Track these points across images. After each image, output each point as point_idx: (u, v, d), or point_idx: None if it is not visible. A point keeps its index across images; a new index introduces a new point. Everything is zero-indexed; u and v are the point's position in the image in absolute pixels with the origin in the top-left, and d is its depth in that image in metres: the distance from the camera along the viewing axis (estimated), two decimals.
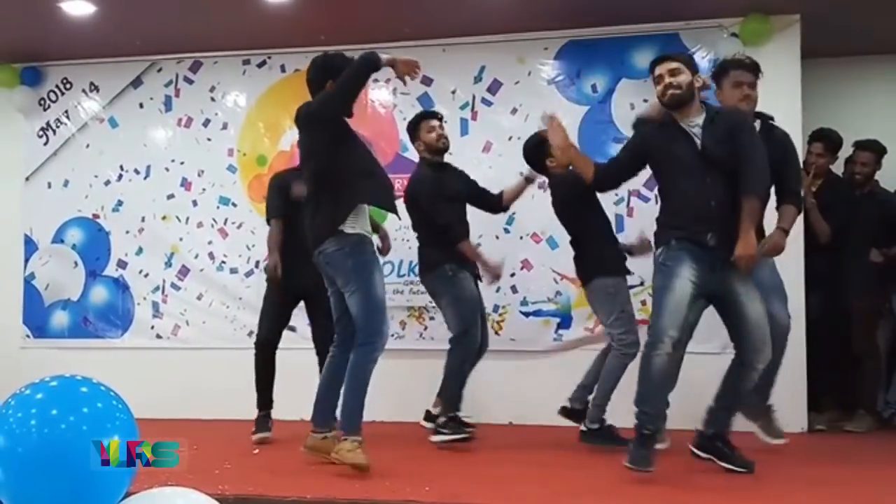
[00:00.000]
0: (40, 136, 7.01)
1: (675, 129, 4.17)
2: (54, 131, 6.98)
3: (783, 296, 4.77)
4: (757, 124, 4.52)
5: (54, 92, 7.00)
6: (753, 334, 4.05)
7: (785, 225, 4.49)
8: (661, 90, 4.18)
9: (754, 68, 4.66)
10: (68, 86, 6.98)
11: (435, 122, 5.40)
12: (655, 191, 5.92)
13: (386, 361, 5.84)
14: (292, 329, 6.02)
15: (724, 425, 4.21)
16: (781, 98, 5.84)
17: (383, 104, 6.51)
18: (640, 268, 5.91)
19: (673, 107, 4.16)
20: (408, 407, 5.62)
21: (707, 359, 5.71)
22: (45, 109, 6.98)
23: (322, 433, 4.38)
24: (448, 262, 5.13)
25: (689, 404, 5.72)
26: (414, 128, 5.45)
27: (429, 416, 5.33)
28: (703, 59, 5.98)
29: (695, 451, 4.22)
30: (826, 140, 5.82)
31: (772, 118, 4.74)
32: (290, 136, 6.58)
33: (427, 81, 6.38)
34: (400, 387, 5.77)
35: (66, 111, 6.96)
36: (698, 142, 4.10)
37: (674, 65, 4.18)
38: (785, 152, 4.63)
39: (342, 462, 4.07)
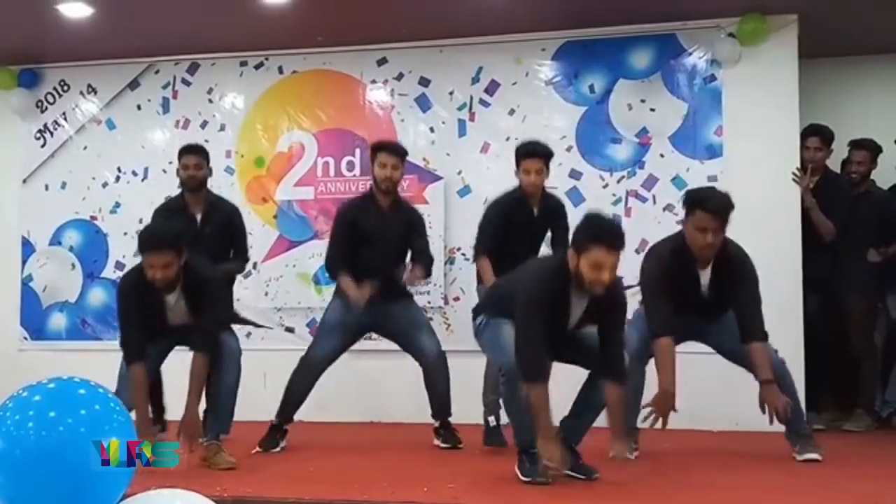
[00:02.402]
0: (38, 139, 7.00)
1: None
2: (52, 133, 6.97)
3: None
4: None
5: (52, 94, 6.99)
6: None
7: (767, 375, 4.25)
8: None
9: (724, 213, 4.23)
10: (66, 88, 6.97)
11: (387, 159, 5.07)
12: (653, 191, 5.99)
13: (385, 363, 5.90)
14: (290, 330, 6.03)
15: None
16: (779, 98, 5.87)
17: (381, 105, 6.50)
18: (639, 268, 5.93)
19: None
20: (406, 408, 5.63)
21: (706, 358, 5.75)
22: (42, 111, 6.97)
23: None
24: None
25: (690, 405, 5.74)
26: (373, 153, 5.19)
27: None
28: (701, 60, 6.00)
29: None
30: (821, 134, 5.82)
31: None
32: (288, 138, 6.59)
33: (425, 82, 6.39)
34: (399, 388, 5.78)
35: (64, 113, 6.96)
36: None
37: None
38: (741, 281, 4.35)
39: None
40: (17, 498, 1.81)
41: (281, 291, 6.35)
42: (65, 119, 6.96)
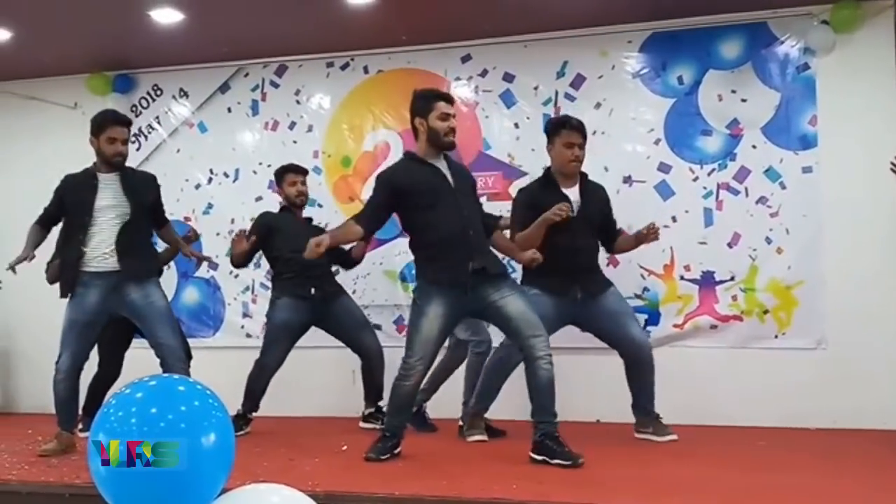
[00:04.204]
0: (133, 142, 7.13)
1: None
2: (146, 137, 7.16)
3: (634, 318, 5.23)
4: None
5: (145, 98, 7.18)
6: (522, 326, 4.35)
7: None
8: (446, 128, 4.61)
9: (583, 129, 5.03)
10: (159, 92, 7.15)
11: (298, 178, 5.88)
12: (745, 183, 5.86)
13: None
14: (377, 327, 6.05)
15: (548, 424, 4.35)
16: (875, 86, 5.68)
17: (465, 102, 6.49)
18: (731, 262, 5.82)
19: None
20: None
21: (804, 354, 5.63)
22: (136, 116, 7.14)
23: None
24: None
25: (786, 402, 5.62)
26: (279, 177, 5.94)
27: None
28: (793, 48, 5.84)
29: (532, 455, 4.35)
30: None
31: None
32: (374, 137, 6.63)
33: (509, 78, 6.36)
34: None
35: (157, 117, 7.13)
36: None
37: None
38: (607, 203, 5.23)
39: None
40: (120, 492, 1.86)
41: (368, 289, 6.39)
42: (158, 123, 7.14)
